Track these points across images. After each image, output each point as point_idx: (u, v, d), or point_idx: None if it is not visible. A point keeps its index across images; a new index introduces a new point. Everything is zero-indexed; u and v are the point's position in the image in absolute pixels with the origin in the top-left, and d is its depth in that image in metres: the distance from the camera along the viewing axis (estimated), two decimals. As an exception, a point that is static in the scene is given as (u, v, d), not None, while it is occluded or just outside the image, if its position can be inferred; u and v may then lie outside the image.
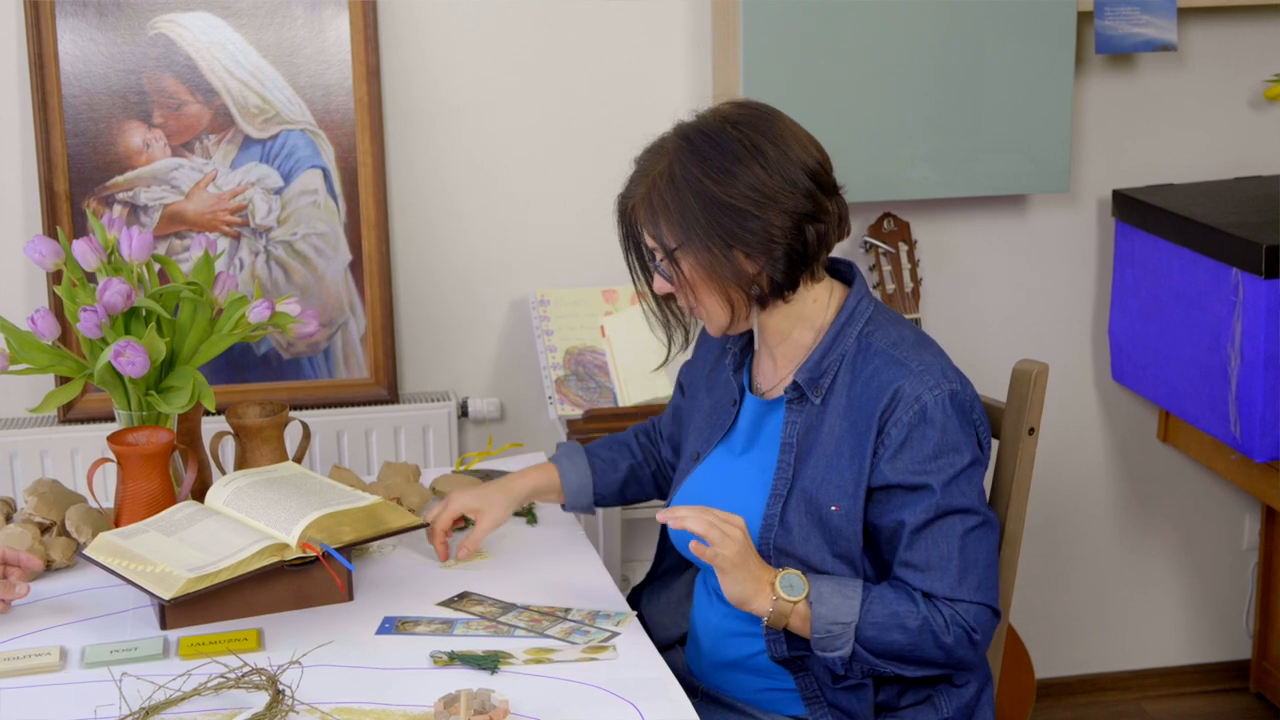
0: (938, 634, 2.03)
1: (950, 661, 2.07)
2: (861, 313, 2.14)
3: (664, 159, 2.09)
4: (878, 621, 2.03)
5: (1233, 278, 2.95)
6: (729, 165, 2.04)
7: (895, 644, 2.04)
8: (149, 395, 2.27)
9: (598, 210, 3.26)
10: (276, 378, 3.14)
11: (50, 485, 2.36)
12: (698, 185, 2.05)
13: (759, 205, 2.04)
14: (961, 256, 3.42)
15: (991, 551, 2.09)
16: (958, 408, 2.06)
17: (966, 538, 2.05)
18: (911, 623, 2.03)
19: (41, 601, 2.16)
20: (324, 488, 2.22)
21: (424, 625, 2.07)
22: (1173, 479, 3.65)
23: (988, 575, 2.08)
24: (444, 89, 3.17)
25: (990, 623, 2.08)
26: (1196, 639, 3.75)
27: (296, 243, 3.11)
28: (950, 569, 2.04)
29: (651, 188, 2.09)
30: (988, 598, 2.07)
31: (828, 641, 2.04)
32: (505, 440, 3.24)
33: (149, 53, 3.02)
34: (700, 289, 2.09)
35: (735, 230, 2.04)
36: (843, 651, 2.04)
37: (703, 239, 2.05)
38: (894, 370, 2.07)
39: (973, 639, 2.05)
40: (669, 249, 2.08)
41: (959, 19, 3.10)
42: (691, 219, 2.05)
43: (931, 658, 2.06)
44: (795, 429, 2.12)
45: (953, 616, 2.04)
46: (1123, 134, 3.44)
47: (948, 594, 2.05)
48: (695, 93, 3.24)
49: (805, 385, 2.11)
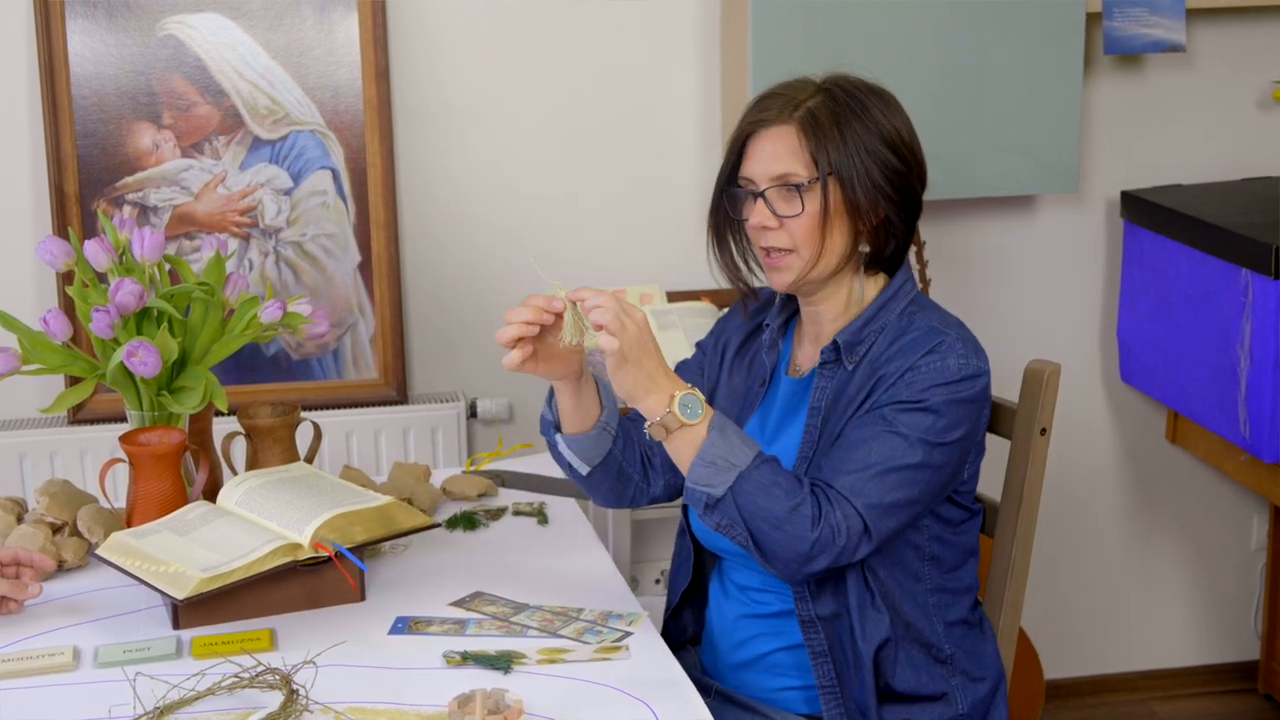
0: (811, 520, 1.95)
1: (801, 550, 1.96)
2: (906, 292, 2.15)
3: (816, 86, 2.11)
4: (760, 479, 1.96)
5: (1242, 278, 2.95)
6: (896, 117, 2.10)
7: (762, 509, 1.95)
8: (161, 395, 2.27)
9: (607, 210, 3.27)
10: (286, 378, 3.14)
11: (61, 485, 2.36)
12: (876, 119, 2.08)
13: (916, 162, 2.11)
14: (970, 257, 3.42)
15: (909, 493, 2.01)
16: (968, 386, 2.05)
17: (900, 466, 2.00)
18: (791, 499, 1.95)
19: (54, 602, 2.16)
20: (336, 488, 2.22)
21: (436, 625, 2.06)
22: (1181, 479, 3.65)
23: (891, 510, 1.99)
24: (453, 90, 3.17)
25: (857, 544, 1.97)
26: (1205, 640, 3.75)
27: (306, 243, 3.12)
28: (862, 472, 1.98)
29: (826, 104, 2.08)
30: (872, 520, 1.97)
31: (708, 474, 1.96)
32: (515, 441, 3.24)
33: (159, 54, 3.02)
34: (831, 226, 2.07)
35: (892, 177, 2.08)
36: (715, 489, 1.96)
37: (864, 173, 2.06)
38: (933, 336, 2.07)
39: (835, 541, 1.96)
40: (825, 171, 2.06)
41: (967, 19, 3.09)
42: (860, 148, 2.06)
43: (788, 540, 1.96)
44: (825, 394, 2.11)
45: (829, 514, 1.96)
46: (1131, 135, 3.44)
47: (844, 490, 1.98)
48: (704, 93, 3.25)
49: (844, 347, 2.11)
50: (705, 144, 3.27)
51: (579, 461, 2.17)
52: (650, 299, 3.18)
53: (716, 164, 3.23)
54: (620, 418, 2.20)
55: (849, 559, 1.99)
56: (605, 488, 2.23)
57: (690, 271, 3.27)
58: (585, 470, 2.18)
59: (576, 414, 2.13)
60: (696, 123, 3.26)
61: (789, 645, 2.15)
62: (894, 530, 2.02)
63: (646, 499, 2.28)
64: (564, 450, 2.17)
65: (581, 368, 2.09)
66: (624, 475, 2.22)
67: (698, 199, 3.28)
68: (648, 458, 2.26)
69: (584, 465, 2.18)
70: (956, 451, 2.07)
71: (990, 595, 2.31)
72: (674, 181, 3.29)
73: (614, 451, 2.18)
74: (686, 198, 3.29)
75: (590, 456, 2.17)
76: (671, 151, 3.27)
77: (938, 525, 2.12)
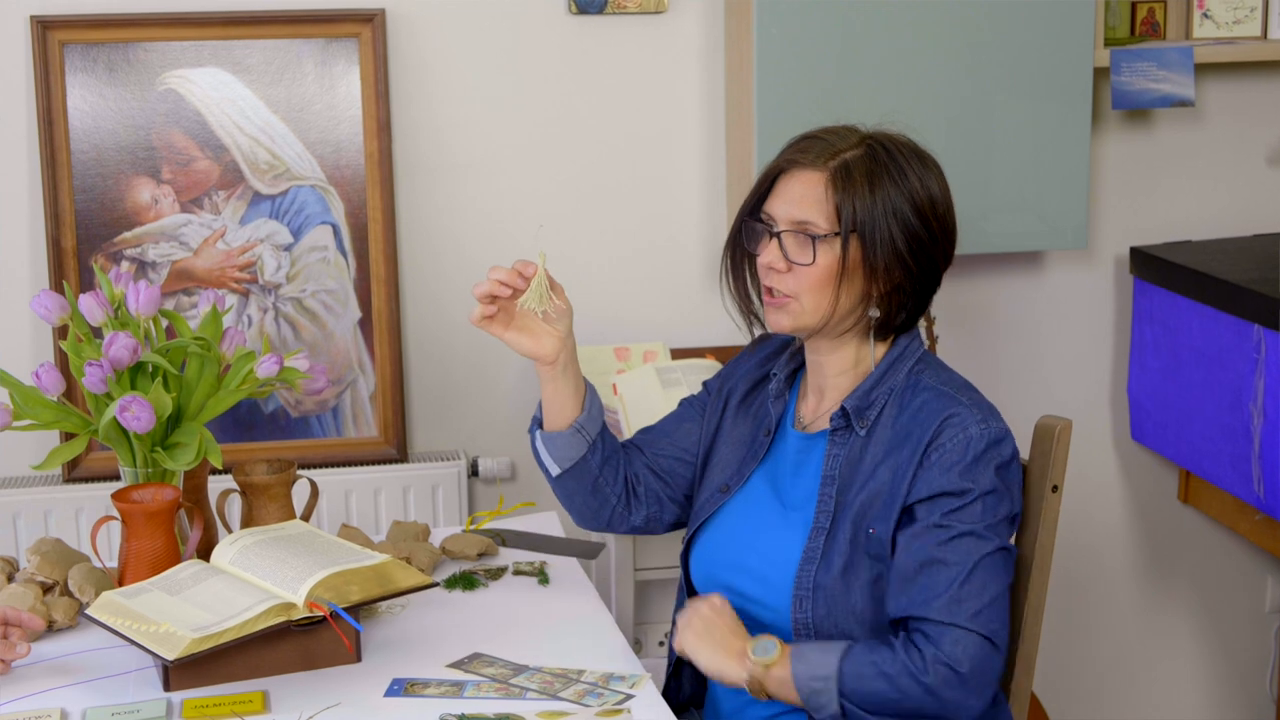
0: (917, 675, 1.94)
1: (939, 704, 1.95)
2: (913, 352, 2.12)
3: (860, 137, 2.08)
4: (858, 672, 1.96)
5: (1255, 334, 2.92)
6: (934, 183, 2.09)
7: (879, 693, 1.95)
8: (154, 452, 2.24)
9: (612, 267, 3.25)
10: (284, 436, 3.10)
11: (53, 544, 2.33)
12: (911, 183, 2.05)
13: (944, 233, 2.08)
14: (978, 313, 3.39)
15: (1002, 582, 2.00)
16: (998, 451, 2.03)
17: (979, 562, 1.97)
18: (890, 668, 1.95)
19: (43, 662, 2.12)
20: (332, 546, 2.19)
21: (434, 687, 2.02)
22: (1194, 541, 3.61)
23: (992, 606, 1.97)
24: (455, 146, 3.15)
25: (987, 657, 1.95)
26: (1218, 703, 3.70)
27: (306, 299, 3.09)
28: (949, 591, 1.96)
29: (864, 159, 2.05)
30: (984, 627, 1.95)
31: (814, 700, 1.97)
32: (516, 500, 3.21)
33: (158, 108, 3.00)
34: (841, 283, 2.05)
35: (915, 245, 2.05)
36: (831, 708, 1.97)
37: (887, 236, 2.03)
38: (944, 403, 2.05)
39: (958, 673, 1.93)
40: (848, 229, 2.03)
41: (976, 74, 3.08)
42: (888, 210, 2.03)
43: (920, 703, 1.95)
44: (838, 461, 2.08)
45: (934, 656, 1.94)
46: (1140, 190, 3.42)
47: (940, 617, 1.95)
48: (709, 155, 3.23)
49: (853, 413, 2.08)
50: (710, 202, 3.25)
51: (550, 461, 2.21)
52: (655, 356, 3.16)
53: (721, 222, 3.24)
54: (606, 432, 2.22)
55: (992, 677, 1.98)
56: (579, 500, 2.25)
57: (695, 328, 3.25)
58: (555, 471, 2.21)
59: (552, 407, 2.18)
60: (701, 180, 3.25)
61: (792, 707, 2.10)
62: (1006, 622, 2.00)
63: (626, 526, 2.29)
64: (539, 445, 2.21)
65: (557, 356, 2.13)
66: (599, 492, 2.23)
67: (702, 256, 3.26)
68: (633, 485, 2.27)
69: (554, 466, 2.21)
70: (1013, 513, 2.06)
71: (1002, 657, 2.26)
72: (678, 239, 3.27)
73: (590, 461, 2.20)
74: (691, 255, 3.27)
75: (561, 458, 2.19)
76: (676, 208, 3.26)
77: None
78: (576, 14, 3.14)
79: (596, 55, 3.17)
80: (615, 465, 2.23)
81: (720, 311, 3.04)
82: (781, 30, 2.99)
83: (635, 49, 3.18)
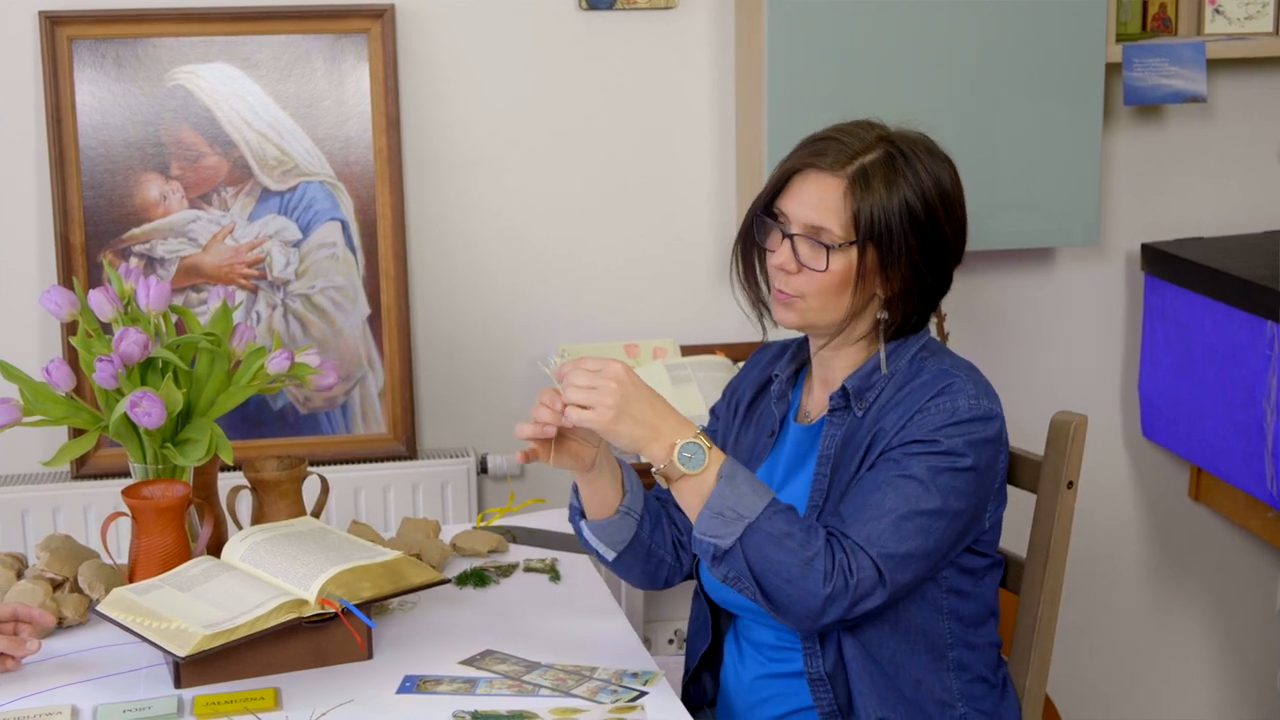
0: (822, 575, 1.89)
1: (815, 611, 1.90)
2: (918, 338, 2.10)
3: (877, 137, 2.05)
4: (771, 531, 1.90)
5: (1268, 331, 2.91)
6: (950, 184, 2.07)
7: (773, 562, 1.89)
8: (165, 448, 2.23)
9: (618, 264, 3.24)
10: (293, 433, 3.10)
11: (63, 541, 2.32)
12: (925, 185, 2.03)
13: (955, 234, 2.06)
14: (989, 310, 3.38)
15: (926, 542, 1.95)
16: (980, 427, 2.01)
17: (911, 513, 1.94)
18: (802, 551, 1.89)
19: (53, 659, 2.11)
20: (343, 543, 2.18)
21: (446, 684, 2.01)
22: (1205, 539, 3.60)
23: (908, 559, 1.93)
24: (464, 141, 3.15)
25: (871, 593, 1.91)
26: (1228, 702, 3.69)
27: (314, 296, 3.08)
28: (876, 522, 1.92)
29: (882, 164, 2.03)
30: (891, 571, 1.91)
31: (714, 525, 1.91)
32: (526, 497, 3.20)
33: (167, 104, 2.99)
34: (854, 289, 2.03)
35: (929, 249, 2.03)
36: (722, 541, 1.91)
37: (902, 242, 2.01)
38: (943, 378, 2.03)
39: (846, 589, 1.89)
40: (865, 237, 2.01)
41: (987, 71, 3.07)
42: (905, 216, 2.01)
43: (799, 598, 1.90)
44: (834, 441, 2.07)
45: (843, 565, 1.90)
46: (1152, 186, 3.41)
47: (859, 539, 1.92)
48: (718, 151, 3.22)
49: (853, 393, 2.07)
50: (719, 199, 3.24)
51: (604, 547, 2.17)
52: (664, 353, 3.15)
53: (731, 218, 3.23)
54: (648, 499, 2.18)
55: (862, 610, 1.94)
56: (636, 570, 2.21)
57: (705, 325, 3.24)
58: (611, 556, 2.17)
59: (594, 501, 2.12)
60: (711, 176, 3.24)
61: (808, 705, 2.09)
62: (910, 582, 1.97)
63: (681, 578, 2.26)
64: (588, 536, 2.17)
65: (592, 460, 2.06)
66: (654, 557, 2.20)
67: (712, 252, 3.25)
68: (677, 539, 2.24)
69: (609, 551, 2.17)
70: (974, 498, 2.01)
71: (1015, 655, 2.25)
72: (688, 236, 3.26)
73: (640, 535, 2.16)
74: (701, 251, 3.26)
75: (614, 542, 2.15)
76: (686, 205, 3.25)
77: (957, 576, 2.07)
78: (586, 10, 3.13)
79: (606, 52, 3.16)
80: (662, 528, 2.20)
81: (730, 308, 3.03)
82: (792, 26, 2.98)
83: (645, 45, 3.17)
